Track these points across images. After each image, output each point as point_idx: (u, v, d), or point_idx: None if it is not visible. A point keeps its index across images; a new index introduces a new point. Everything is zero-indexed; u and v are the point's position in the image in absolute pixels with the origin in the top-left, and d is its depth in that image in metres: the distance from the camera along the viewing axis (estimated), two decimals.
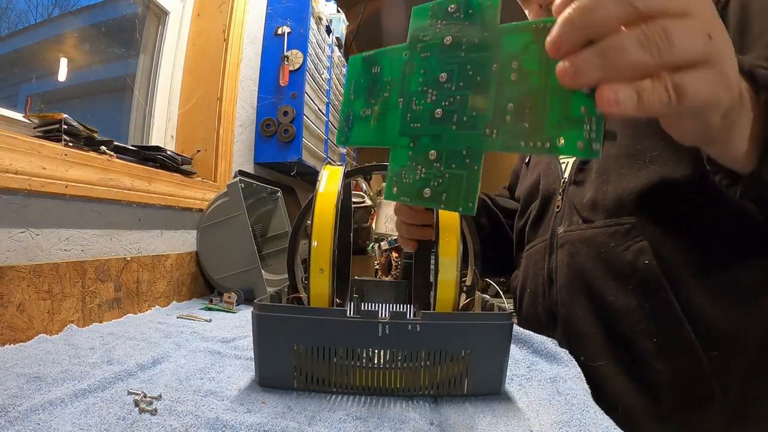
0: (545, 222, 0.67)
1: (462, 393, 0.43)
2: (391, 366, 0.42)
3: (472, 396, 0.43)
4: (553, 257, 0.62)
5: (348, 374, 0.42)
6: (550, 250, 0.63)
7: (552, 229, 0.64)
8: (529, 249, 0.69)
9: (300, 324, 0.41)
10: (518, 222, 0.76)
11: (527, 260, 0.69)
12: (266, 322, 0.42)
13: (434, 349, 0.42)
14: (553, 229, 0.63)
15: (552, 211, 0.65)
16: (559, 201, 0.64)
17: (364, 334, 0.41)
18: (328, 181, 0.47)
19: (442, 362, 0.42)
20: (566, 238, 0.60)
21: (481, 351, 0.43)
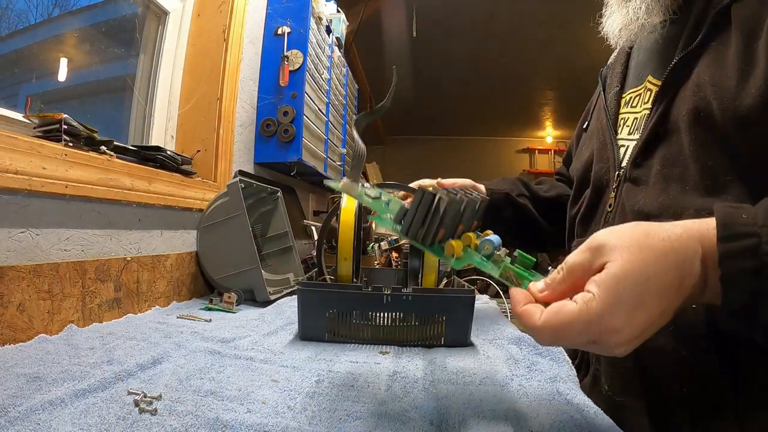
0: (595, 220, 0.61)
1: (441, 344, 0.62)
2: (392, 325, 0.63)
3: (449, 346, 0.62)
4: None
5: (362, 330, 0.63)
6: None
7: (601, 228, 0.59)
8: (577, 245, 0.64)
9: (332, 296, 0.62)
10: (571, 209, 0.70)
11: None
12: (307, 295, 0.62)
13: (421, 313, 0.62)
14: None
15: (603, 209, 0.59)
16: (612, 198, 0.57)
17: (374, 303, 0.62)
18: (348, 198, 0.67)
19: (427, 323, 0.62)
20: None
21: (453, 315, 0.62)
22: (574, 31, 3.24)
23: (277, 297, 0.96)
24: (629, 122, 0.59)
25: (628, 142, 0.58)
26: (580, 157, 0.70)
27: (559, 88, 4.56)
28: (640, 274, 0.31)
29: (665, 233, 0.33)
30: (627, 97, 0.62)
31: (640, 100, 0.59)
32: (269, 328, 0.70)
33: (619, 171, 0.57)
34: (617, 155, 0.59)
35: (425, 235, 0.36)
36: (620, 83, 0.64)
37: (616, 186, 0.57)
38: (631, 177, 0.55)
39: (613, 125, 0.61)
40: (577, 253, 0.35)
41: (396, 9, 2.91)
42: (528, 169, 6.22)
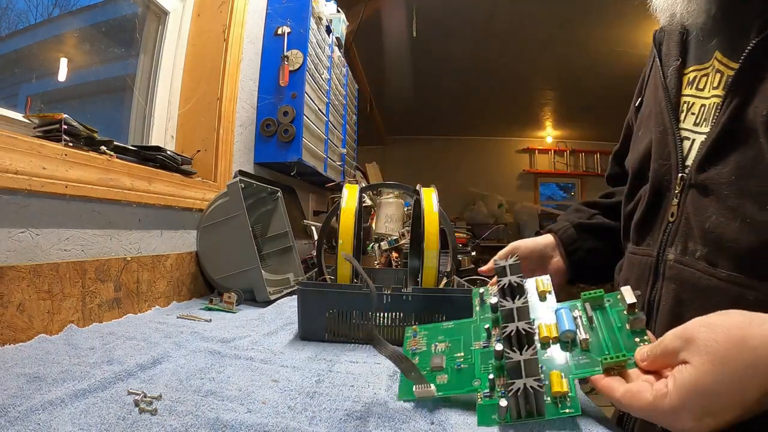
0: (654, 229, 0.53)
1: None
2: (391, 324, 0.62)
3: None
4: (657, 286, 0.50)
5: (362, 330, 0.62)
6: (655, 274, 0.50)
7: (661, 244, 0.50)
8: (633, 254, 0.56)
9: (332, 295, 0.62)
10: (626, 205, 0.61)
11: (629, 265, 0.57)
12: (308, 295, 0.63)
13: (421, 313, 0.61)
14: (662, 246, 0.50)
15: (664, 218, 0.51)
16: (674, 206, 0.49)
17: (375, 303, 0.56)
18: (348, 198, 0.67)
19: (427, 322, 0.59)
20: (676, 271, 0.47)
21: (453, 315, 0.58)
22: (574, 31, 3.24)
23: (277, 297, 0.96)
24: (695, 109, 0.50)
25: (693, 135, 0.49)
26: (637, 145, 0.60)
27: (559, 88, 4.56)
28: (713, 388, 0.31)
29: (761, 338, 0.31)
30: (691, 75, 0.52)
31: (708, 82, 0.49)
32: (269, 328, 0.70)
33: (683, 172, 0.49)
34: (680, 151, 0.50)
35: (537, 409, 0.37)
36: (680, 55, 0.53)
37: (680, 192, 0.49)
38: (698, 183, 0.46)
39: (674, 110, 0.51)
40: (673, 337, 0.35)
41: (396, 9, 2.91)
42: (528, 169, 6.22)
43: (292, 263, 1.15)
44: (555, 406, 0.36)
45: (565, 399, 0.37)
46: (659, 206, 0.52)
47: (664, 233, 0.50)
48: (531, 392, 0.36)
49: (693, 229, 0.46)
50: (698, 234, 0.45)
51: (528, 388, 0.35)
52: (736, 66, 0.43)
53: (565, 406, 0.36)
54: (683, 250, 0.47)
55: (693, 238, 0.46)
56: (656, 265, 0.50)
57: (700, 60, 0.51)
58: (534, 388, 0.35)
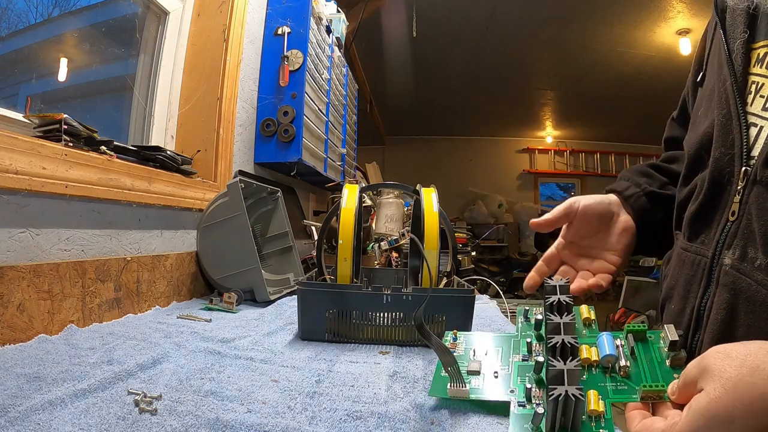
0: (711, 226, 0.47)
1: None
2: (391, 324, 0.63)
3: None
4: (709, 292, 0.45)
5: (362, 330, 0.63)
6: (708, 278, 0.45)
7: (717, 246, 0.45)
8: (685, 250, 0.51)
9: (332, 296, 0.63)
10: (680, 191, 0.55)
11: (679, 263, 0.52)
12: (307, 295, 0.63)
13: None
14: (718, 248, 0.45)
15: (723, 215, 0.45)
16: (735, 204, 0.43)
17: (374, 303, 0.62)
18: (348, 198, 0.68)
19: (427, 322, 0.61)
20: (732, 278, 0.42)
21: (453, 314, 0.62)
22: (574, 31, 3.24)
23: (277, 297, 0.96)
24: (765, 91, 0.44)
25: (762, 122, 0.43)
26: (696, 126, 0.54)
27: (559, 88, 4.56)
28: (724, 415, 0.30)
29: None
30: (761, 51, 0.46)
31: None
32: (269, 328, 0.70)
33: (747, 165, 0.43)
34: (746, 140, 0.44)
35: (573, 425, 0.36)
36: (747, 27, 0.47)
37: (743, 187, 0.43)
38: (764, 180, 0.41)
39: (741, 92, 0.45)
40: (692, 366, 0.34)
41: (396, 9, 2.92)
42: (528, 169, 6.22)
43: (292, 263, 1.15)
44: (590, 424, 0.36)
45: (600, 419, 0.36)
46: (718, 201, 0.47)
47: (722, 233, 0.45)
48: (572, 400, 0.35)
49: (755, 232, 0.41)
50: (761, 239, 0.40)
51: (570, 396, 0.35)
52: None
53: (599, 426, 0.36)
54: (742, 255, 0.42)
55: (754, 243, 0.41)
56: (710, 269, 0.45)
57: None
58: (576, 396, 0.35)
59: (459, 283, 0.73)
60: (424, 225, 0.67)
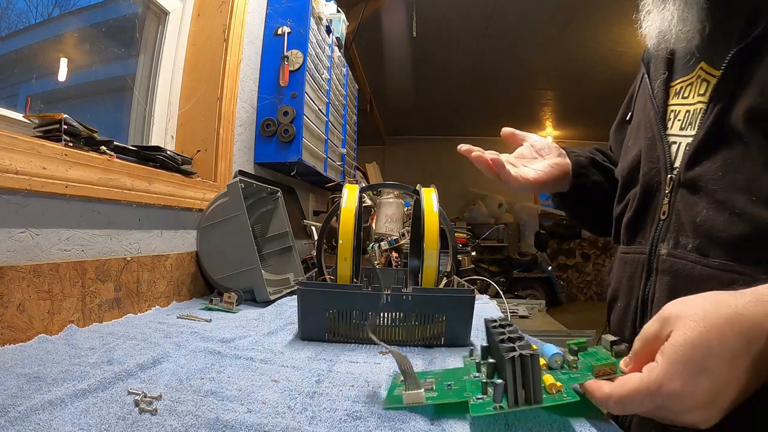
0: (646, 227, 0.54)
1: (442, 344, 0.63)
2: (391, 325, 0.63)
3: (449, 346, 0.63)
4: (651, 281, 0.51)
5: (362, 330, 0.62)
6: (648, 270, 0.52)
7: (653, 241, 0.52)
8: (625, 254, 0.58)
9: (332, 296, 0.62)
10: (616, 207, 0.63)
11: (621, 265, 0.58)
12: (307, 295, 0.63)
13: (421, 313, 0.62)
14: (654, 243, 0.52)
15: (655, 215, 0.53)
16: (665, 205, 0.51)
17: (374, 303, 0.62)
18: (348, 198, 0.67)
19: (427, 323, 0.62)
20: (669, 264, 0.49)
21: (453, 315, 0.62)
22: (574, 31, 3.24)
23: (277, 297, 0.96)
24: (681, 115, 0.53)
25: (680, 139, 0.52)
26: (626, 155, 0.62)
27: (559, 88, 4.56)
28: (702, 341, 0.32)
29: (734, 300, 0.34)
30: (677, 87, 0.55)
31: (693, 90, 0.52)
32: (269, 328, 0.70)
33: (671, 173, 0.51)
34: (668, 154, 0.52)
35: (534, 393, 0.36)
36: (667, 69, 0.57)
37: (670, 191, 0.51)
38: (686, 181, 0.48)
39: (662, 119, 0.55)
40: (650, 323, 0.37)
41: (396, 9, 2.92)
42: None
43: (292, 263, 1.15)
44: (551, 395, 0.37)
45: (561, 392, 0.37)
46: (650, 206, 0.54)
47: (656, 231, 0.52)
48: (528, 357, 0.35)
49: (684, 224, 0.48)
50: (689, 228, 0.47)
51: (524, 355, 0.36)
52: (718, 73, 0.47)
53: (561, 395, 0.37)
54: (675, 244, 0.49)
55: (684, 232, 0.48)
56: (649, 262, 0.52)
57: (686, 72, 0.54)
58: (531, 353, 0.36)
59: (459, 283, 0.73)
60: (424, 225, 0.67)
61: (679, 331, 0.34)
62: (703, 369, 0.32)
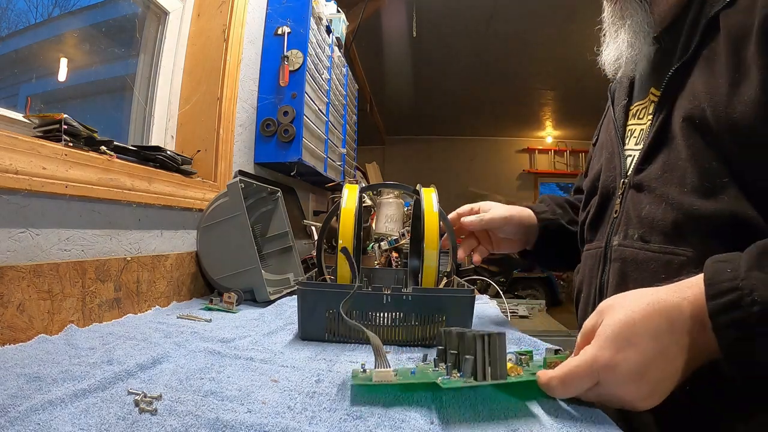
0: (603, 225, 0.63)
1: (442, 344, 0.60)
2: (391, 324, 0.63)
3: None
4: (606, 269, 0.59)
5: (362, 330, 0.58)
6: (604, 260, 0.60)
7: (608, 236, 0.60)
8: (587, 250, 0.66)
9: (332, 296, 0.61)
10: (581, 215, 0.73)
11: (585, 261, 0.66)
12: (308, 295, 0.62)
13: (421, 313, 0.62)
14: (608, 237, 0.60)
15: (610, 215, 0.61)
16: (617, 205, 0.59)
17: (374, 303, 0.62)
18: (348, 198, 0.68)
19: (427, 323, 0.62)
20: (619, 253, 0.56)
21: (453, 315, 0.62)
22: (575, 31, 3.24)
23: (277, 297, 0.96)
24: (636, 133, 0.62)
25: (634, 152, 0.60)
26: (591, 170, 0.72)
27: (559, 88, 4.56)
28: (627, 320, 0.38)
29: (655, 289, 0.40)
30: (634, 110, 0.64)
31: (645, 111, 0.61)
32: (269, 328, 0.70)
33: (624, 179, 0.59)
34: (623, 164, 0.61)
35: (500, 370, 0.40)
36: (627, 95, 0.66)
37: (622, 193, 0.59)
38: (634, 183, 0.56)
39: (621, 137, 0.63)
40: (588, 319, 0.42)
41: (396, 9, 2.92)
42: (528, 169, 6.22)
43: (292, 263, 1.15)
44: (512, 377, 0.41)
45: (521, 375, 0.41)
46: (606, 207, 0.63)
47: (610, 226, 0.60)
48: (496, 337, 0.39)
49: (632, 218, 0.56)
50: (635, 221, 0.55)
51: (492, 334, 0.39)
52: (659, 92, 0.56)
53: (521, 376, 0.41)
54: (624, 235, 0.57)
55: (632, 225, 0.56)
56: (605, 254, 0.60)
57: (641, 97, 0.63)
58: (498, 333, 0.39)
59: (459, 283, 0.73)
60: (424, 225, 0.67)
61: (608, 316, 0.40)
62: (630, 342, 0.37)
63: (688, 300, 0.39)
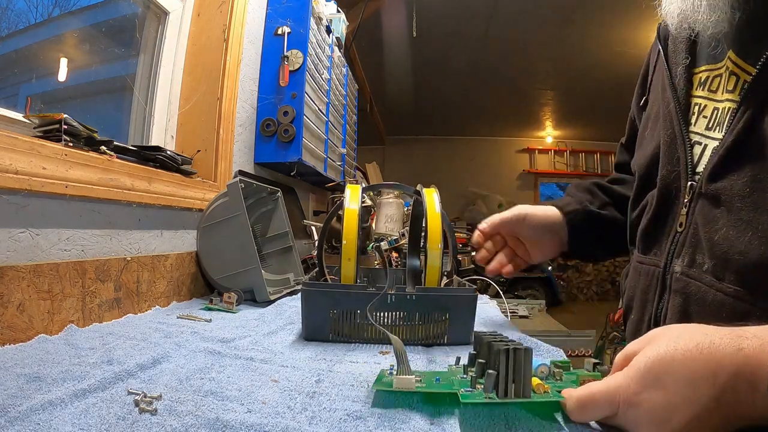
0: (662, 238, 0.51)
1: (444, 343, 0.63)
2: (395, 324, 0.62)
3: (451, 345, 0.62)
4: (664, 299, 0.48)
5: (366, 330, 0.62)
6: (662, 286, 0.49)
7: (668, 254, 0.49)
8: (639, 263, 0.55)
9: (335, 296, 0.62)
10: (632, 211, 0.59)
11: (635, 275, 0.56)
12: (311, 295, 0.62)
13: (424, 312, 0.62)
14: (669, 256, 0.48)
15: (672, 227, 0.49)
16: (683, 216, 0.47)
17: (378, 302, 0.61)
18: (351, 198, 0.67)
19: (430, 321, 0.62)
20: (683, 285, 0.46)
21: (456, 314, 0.62)
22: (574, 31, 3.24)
23: (277, 297, 0.96)
24: (707, 112, 0.47)
25: (705, 140, 0.47)
26: (643, 147, 0.57)
27: (559, 88, 4.56)
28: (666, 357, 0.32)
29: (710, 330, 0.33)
30: (702, 75, 0.49)
31: (721, 84, 0.46)
32: (269, 328, 0.70)
33: (692, 180, 0.47)
34: (690, 157, 0.47)
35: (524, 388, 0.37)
36: (689, 53, 0.50)
37: (689, 200, 0.47)
38: (708, 192, 0.44)
39: (684, 113, 0.49)
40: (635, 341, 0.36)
41: (396, 9, 2.92)
42: (528, 169, 6.22)
43: (292, 263, 1.15)
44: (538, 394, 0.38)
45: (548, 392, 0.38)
46: (667, 215, 0.50)
47: (671, 243, 0.48)
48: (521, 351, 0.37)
49: (701, 240, 0.44)
50: (707, 246, 0.43)
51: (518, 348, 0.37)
52: (752, 70, 0.41)
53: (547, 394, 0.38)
54: (691, 262, 0.45)
55: (701, 249, 0.44)
56: (663, 277, 0.49)
57: (713, 59, 0.48)
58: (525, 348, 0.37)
59: (459, 282, 0.73)
60: (428, 225, 0.67)
61: (651, 346, 0.34)
62: (660, 381, 0.32)
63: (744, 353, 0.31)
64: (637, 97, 0.63)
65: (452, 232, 0.74)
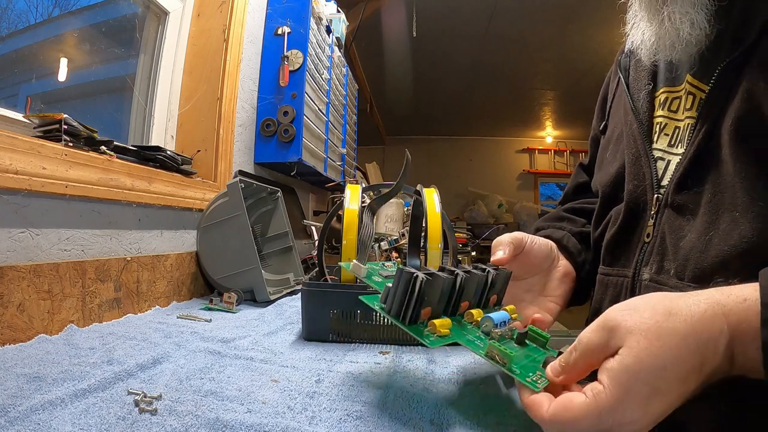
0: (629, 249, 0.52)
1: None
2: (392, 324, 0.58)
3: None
4: None
5: (365, 330, 0.63)
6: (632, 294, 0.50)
7: (636, 265, 0.50)
8: (605, 275, 0.55)
9: (336, 296, 0.62)
10: (594, 230, 0.60)
11: (602, 286, 0.56)
12: (312, 295, 0.63)
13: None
14: (637, 266, 0.50)
15: (639, 238, 0.50)
16: (650, 227, 0.49)
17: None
18: (351, 198, 0.68)
19: None
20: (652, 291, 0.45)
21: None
22: (574, 31, 3.24)
23: (277, 297, 0.96)
24: (669, 130, 0.50)
25: (668, 156, 0.49)
26: (606, 168, 0.59)
27: (559, 88, 4.56)
28: (656, 363, 0.30)
29: (688, 311, 0.31)
30: (662, 97, 0.52)
31: (681, 105, 0.49)
32: (269, 328, 0.70)
33: (658, 193, 0.49)
34: (655, 172, 0.50)
35: (404, 314, 0.38)
36: (651, 80, 0.53)
37: (656, 212, 0.48)
38: (675, 203, 0.46)
39: (647, 133, 0.52)
40: (592, 331, 0.33)
41: (396, 9, 2.91)
42: (528, 169, 6.22)
43: (292, 263, 1.15)
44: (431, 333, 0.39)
45: (443, 336, 0.39)
46: (634, 227, 0.52)
47: (639, 253, 0.50)
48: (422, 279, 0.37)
49: (668, 247, 0.46)
50: (672, 252, 0.45)
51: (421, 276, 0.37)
52: (706, 88, 0.44)
53: (442, 338, 0.38)
54: (659, 269, 0.47)
55: (668, 257, 0.46)
56: (632, 286, 0.50)
57: (671, 82, 0.51)
58: (419, 276, 0.37)
59: None
60: (428, 225, 0.67)
61: (631, 350, 0.30)
62: (656, 391, 0.30)
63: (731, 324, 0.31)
64: (597, 121, 0.66)
65: (452, 232, 0.74)
